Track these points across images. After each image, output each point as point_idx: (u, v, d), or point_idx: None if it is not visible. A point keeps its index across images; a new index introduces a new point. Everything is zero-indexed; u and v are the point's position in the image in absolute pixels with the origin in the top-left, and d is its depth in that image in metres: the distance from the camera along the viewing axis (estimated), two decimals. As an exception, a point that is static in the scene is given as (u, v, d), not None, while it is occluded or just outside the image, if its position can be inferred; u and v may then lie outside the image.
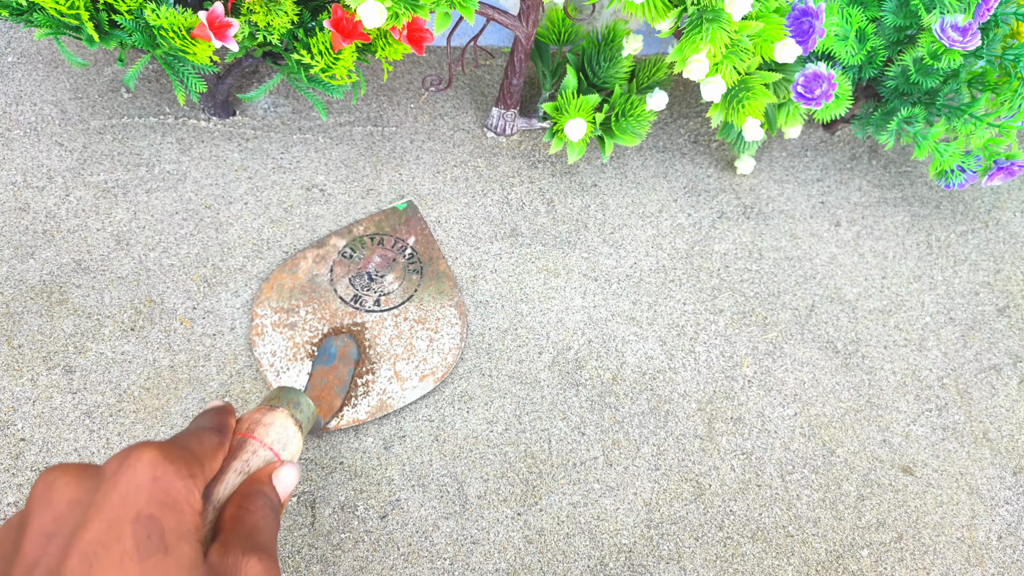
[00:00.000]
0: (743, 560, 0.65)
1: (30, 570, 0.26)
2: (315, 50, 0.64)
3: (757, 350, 0.75)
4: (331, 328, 0.70)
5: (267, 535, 0.32)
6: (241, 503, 0.33)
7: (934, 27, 0.65)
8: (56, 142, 0.78)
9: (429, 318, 0.71)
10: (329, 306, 0.71)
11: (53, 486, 0.28)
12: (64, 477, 0.28)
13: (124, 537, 0.26)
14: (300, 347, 0.69)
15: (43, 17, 0.61)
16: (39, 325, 0.69)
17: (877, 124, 0.78)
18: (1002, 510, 0.70)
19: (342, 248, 0.74)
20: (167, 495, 0.28)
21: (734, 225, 0.83)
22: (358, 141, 0.83)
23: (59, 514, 0.27)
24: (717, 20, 0.61)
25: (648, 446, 0.69)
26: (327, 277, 0.72)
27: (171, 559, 0.27)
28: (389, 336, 0.70)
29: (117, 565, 0.26)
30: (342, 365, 0.67)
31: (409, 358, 0.69)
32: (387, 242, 0.75)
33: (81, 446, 0.64)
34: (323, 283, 0.72)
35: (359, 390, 0.67)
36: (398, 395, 0.68)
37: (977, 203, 0.89)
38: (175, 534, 0.27)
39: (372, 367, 0.68)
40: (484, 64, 0.92)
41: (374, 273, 0.73)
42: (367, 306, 0.71)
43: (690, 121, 0.90)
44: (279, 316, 0.70)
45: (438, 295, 0.73)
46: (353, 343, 0.68)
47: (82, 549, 0.26)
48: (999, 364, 0.78)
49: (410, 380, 0.68)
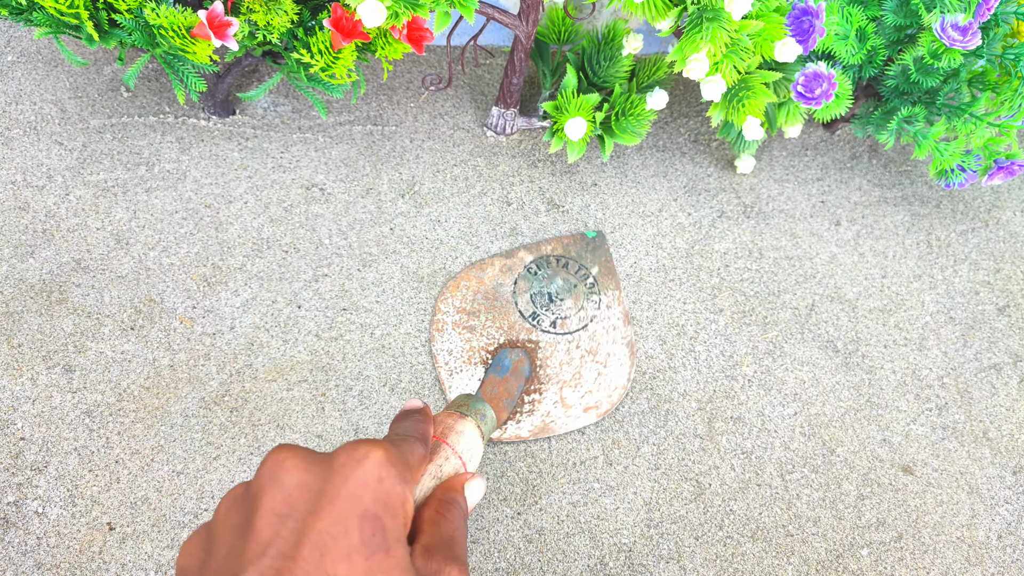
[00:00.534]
0: (743, 559, 0.65)
1: (264, 548, 0.26)
2: (315, 49, 0.64)
3: (757, 349, 0.75)
4: (507, 340, 0.71)
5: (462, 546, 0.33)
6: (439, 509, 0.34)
7: (934, 26, 0.65)
8: (56, 141, 0.78)
9: (600, 351, 0.71)
10: (508, 317, 0.72)
11: (283, 466, 0.28)
12: (293, 459, 0.29)
13: (352, 531, 0.27)
14: (476, 352, 0.70)
15: (43, 16, 0.61)
16: (39, 324, 0.69)
17: (877, 123, 0.78)
18: (1002, 510, 0.70)
19: (529, 263, 0.75)
20: (389, 497, 0.29)
21: (734, 224, 0.83)
22: (358, 140, 0.83)
23: (289, 496, 0.28)
24: (717, 19, 0.61)
25: (648, 445, 0.69)
26: (510, 288, 0.73)
27: (391, 559, 0.28)
28: (560, 360, 0.71)
29: (345, 557, 0.26)
30: (513, 379, 0.67)
31: (576, 386, 0.69)
32: (571, 266, 0.76)
33: (81, 445, 0.64)
34: (506, 293, 0.73)
35: (525, 407, 0.68)
36: (561, 421, 0.68)
37: (977, 202, 0.89)
38: (394, 535, 0.28)
39: (540, 387, 0.69)
40: (484, 63, 0.92)
41: (554, 294, 0.74)
42: (543, 326, 0.72)
43: (690, 120, 0.90)
44: (460, 316, 0.71)
45: (612, 331, 0.73)
46: (527, 359, 0.69)
47: (314, 538, 0.26)
48: (999, 363, 0.78)
49: (574, 409, 0.69)
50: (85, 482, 0.63)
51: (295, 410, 0.67)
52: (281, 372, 0.69)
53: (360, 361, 0.70)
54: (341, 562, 0.26)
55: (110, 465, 0.64)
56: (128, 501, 0.62)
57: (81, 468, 0.63)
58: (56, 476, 0.63)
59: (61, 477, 0.63)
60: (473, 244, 0.78)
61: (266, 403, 0.67)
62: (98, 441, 0.64)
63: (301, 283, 0.73)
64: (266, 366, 0.69)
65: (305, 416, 0.67)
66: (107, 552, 0.60)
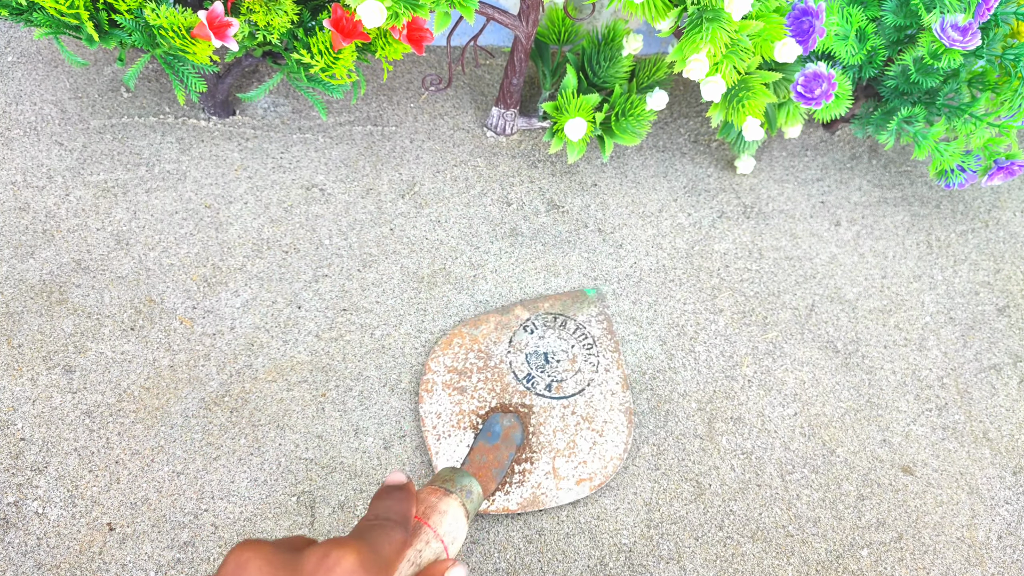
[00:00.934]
0: (743, 560, 0.65)
1: None
2: (315, 49, 0.64)
3: (757, 350, 0.75)
4: (499, 403, 0.68)
5: None
6: None
7: (934, 27, 0.65)
8: (56, 142, 0.78)
9: (596, 418, 0.68)
10: (501, 379, 0.69)
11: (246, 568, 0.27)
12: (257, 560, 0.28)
13: None
14: (466, 415, 0.67)
15: (43, 17, 0.61)
16: (39, 325, 0.69)
17: (877, 124, 0.78)
18: (1002, 510, 0.70)
19: (525, 321, 0.72)
20: None
21: (734, 225, 0.83)
22: (358, 141, 0.83)
23: None
24: (717, 20, 0.61)
25: (648, 446, 0.69)
26: (505, 348, 0.70)
27: None
28: (554, 427, 0.67)
29: None
30: (504, 447, 0.64)
31: (570, 456, 0.66)
32: (569, 326, 0.72)
33: (81, 446, 0.64)
34: (500, 352, 0.70)
35: (515, 477, 0.64)
36: (552, 493, 0.65)
37: (977, 203, 0.89)
38: None
39: (532, 456, 0.66)
40: (484, 64, 0.92)
41: (551, 355, 0.70)
42: (538, 389, 0.69)
43: (690, 121, 0.90)
44: (451, 376, 0.68)
45: (610, 396, 0.69)
46: (519, 425, 0.66)
47: None
48: (999, 364, 0.78)
49: (567, 480, 0.65)
50: (85, 482, 0.63)
51: (295, 410, 0.67)
52: (281, 372, 0.69)
53: (360, 361, 0.70)
54: None
55: (110, 465, 0.64)
56: (128, 501, 0.62)
57: (81, 468, 0.63)
58: (56, 476, 0.63)
59: (61, 477, 0.63)
60: (473, 244, 0.78)
61: (266, 403, 0.67)
62: (98, 442, 0.64)
63: (301, 283, 0.73)
64: (266, 366, 0.69)
65: (305, 416, 0.67)
66: (107, 552, 0.60)
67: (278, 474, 0.64)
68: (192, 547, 0.61)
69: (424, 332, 0.72)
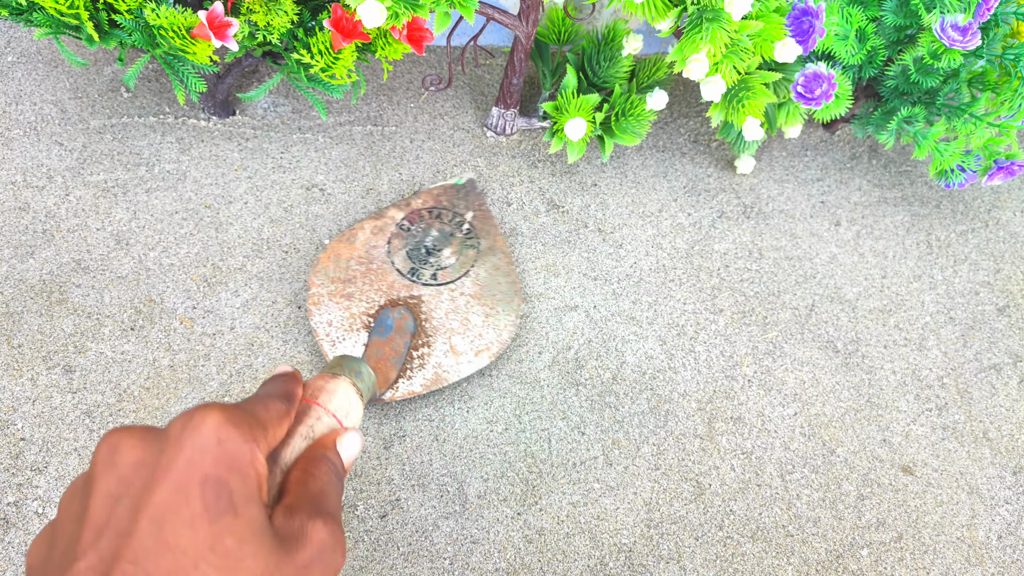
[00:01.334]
0: (743, 560, 0.65)
1: (100, 532, 0.26)
2: (315, 50, 0.64)
3: (757, 350, 0.75)
4: (388, 300, 0.70)
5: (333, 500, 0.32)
6: (306, 468, 0.32)
7: (934, 27, 0.65)
8: (56, 142, 0.78)
9: (485, 294, 0.71)
10: (386, 278, 0.71)
11: (117, 448, 0.28)
12: (128, 439, 0.28)
13: (193, 499, 0.26)
14: (356, 318, 0.69)
15: (43, 17, 0.61)
16: (39, 325, 0.69)
17: (877, 124, 0.78)
18: (1002, 510, 0.70)
19: (400, 220, 0.74)
20: (232, 458, 0.28)
21: (734, 225, 0.83)
22: (358, 141, 0.83)
23: (124, 476, 0.27)
24: (717, 20, 0.61)
25: (648, 446, 0.69)
26: (384, 249, 0.73)
27: (240, 520, 0.27)
28: (445, 310, 0.70)
29: (188, 526, 0.26)
30: (398, 337, 0.67)
31: (465, 333, 0.69)
32: (445, 216, 0.75)
33: (81, 446, 0.64)
34: (380, 255, 0.72)
35: (415, 363, 0.67)
36: (453, 369, 0.68)
37: (977, 203, 0.89)
38: (242, 496, 0.27)
39: (428, 340, 0.68)
40: (484, 64, 0.92)
41: (432, 247, 0.73)
42: (423, 279, 0.71)
43: (690, 121, 0.90)
44: (336, 286, 0.70)
45: (494, 271, 0.73)
46: (410, 315, 0.69)
47: (151, 512, 0.26)
48: (999, 364, 0.78)
49: (465, 355, 0.68)
50: (85, 482, 0.63)
51: (295, 410, 0.67)
52: (281, 372, 0.69)
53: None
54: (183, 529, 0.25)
55: (110, 465, 0.64)
56: (128, 501, 0.62)
57: (81, 468, 0.63)
58: (56, 476, 0.63)
59: (61, 477, 0.63)
60: (473, 244, 0.78)
61: (266, 403, 0.67)
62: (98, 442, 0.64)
63: (301, 283, 0.73)
64: (266, 366, 0.69)
65: (305, 416, 0.67)
66: (107, 552, 0.60)
67: (278, 474, 0.64)
68: (192, 547, 0.61)
69: (424, 332, 0.72)
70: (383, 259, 0.72)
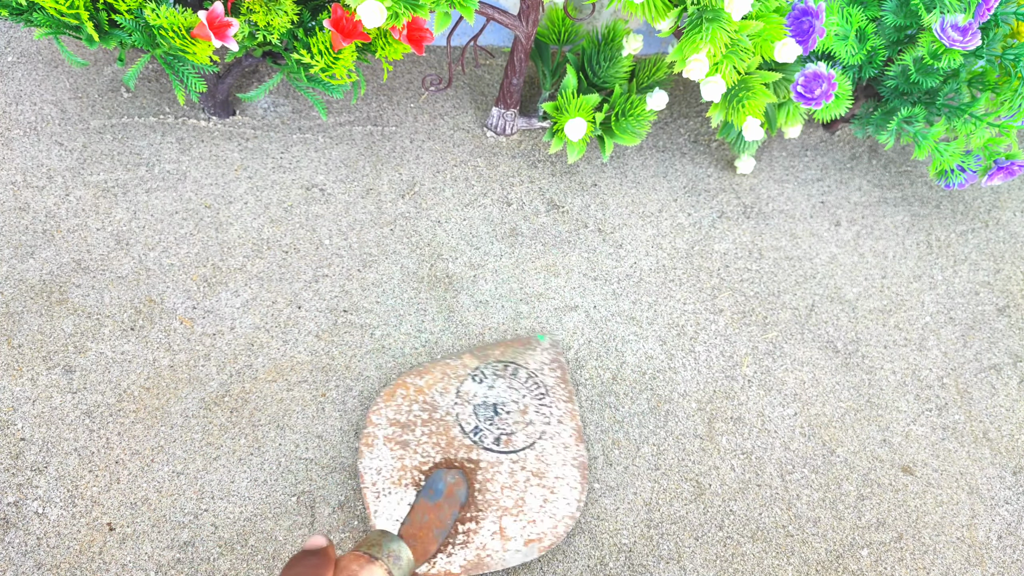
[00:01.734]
0: (743, 560, 0.65)
1: None
2: (315, 50, 0.64)
3: (757, 350, 0.75)
4: (444, 459, 0.63)
5: None
6: None
7: (934, 27, 0.65)
8: (56, 142, 0.78)
9: (548, 474, 0.64)
10: (447, 432, 0.65)
11: None
12: None
13: None
14: (408, 471, 0.63)
15: (43, 17, 0.61)
16: (39, 325, 0.69)
17: (877, 124, 0.78)
18: (1002, 510, 0.70)
19: (473, 370, 0.68)
20: None
21: (734, 225, 0.83)
22: (358, 141, 0.83)
23: None
24: (717, 20, 0.61)
25: (648, 446, 0.69)
26: (452, 399, 0.66)
27: None
28: (502, 484, 0.63)
29: None
30: (447, 505, 0.61)
31: (518, 515, 0.62)
32: (520, 375, 0.68)
33: (81, 446, 0.64)
34: (447, 404, 0.66)
35: (458, 538, 0.61)
36: (498, 556, 0.60)
37: (977, 203, 0.89)
38: None
39: (477, 515, 0.61)
40: (484, 64, 0.92)
41: (500, 406, 0.66)
42: (486, 443, 0.64)
43: (690, 121, 0.90)
44: (393, 430, 0.64)
45: (563, 449, 0.65)
46: (464, 482, 0.62)
47: None
48: (999, 364, 0.78)
49: (514, 541, 0.61)
50: (85, 483, 0.63)
51: (295, 410, 0.67)
52: (281, 372, 0.69)
53: (360, 361, 0.70)
54: None
55: (110, 466, 0.64)
56: (128, 501, 0.62)
57: (81, 469, 0.63)
58: (56, 476, 0.63)
59: (61, 478, 0.63)
60: (473, 244, 0.78)
61: (266, 403, 0.67)
62: (98, 442, 0.64)
63: (301, 283, 0.73)
64: (266, 366, 0.69)
65: (305, 416, 0.67)
66: (107, 552, 0.60)
67: (278, 474, 0.64)
68: (192, 547, 0.61)
69: (424, 332, 0.72)
70: (448, 409, 0.66)
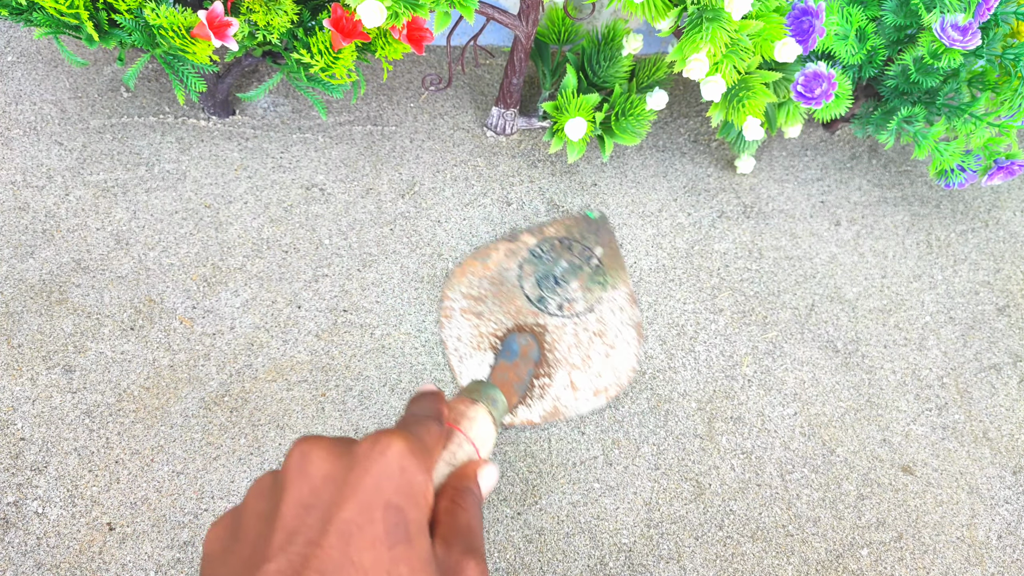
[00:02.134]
0: (743, 559, 0.65)
1: (291, 537, 0.27)
2: (315, 49, 0.64)
3: (757, 349, 0.75)
4: (515, 324, 0.71)
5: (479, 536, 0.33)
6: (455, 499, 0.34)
7: (934, 26, 0.65)
8: (56, 141, 0.78)
9: (608, 332, 0.72)
10: (515, 302, 0.72)
11: (308, 457, 0.29)
12: (318, 450, 0.30)
13: (376, 521, 0.28)
14: (484, 337, 0.71)
15: (43, 16, 0.61)
16: (39, 324, 0.69)
17: (877, 123, 0.78)
18: (1002, 509, 0.70)
19: (533, 246, 0.76)
20: (411, 487, 0.30)
21: (734, 224, 0.83)
22: (358, 140, 0.83)
23: (315, 487, 0.29)
24: (717, 19, 0.61)
25: (648, 445, 0.69)
26: (516, 273, 0.74)
27: (413, 549, 0.28)
28: (568, 344, 0.71)
29: (369, 547, 0.27)
30: (523, 364, 0.69)
31: (585, 369, 0.70)
32: (575, 248, 0.76)
33: (81, 445, 0.64)
34: (511, 278, 0.74)
35: (536, 391, 0.69)
36: (572, 404, 0.69)
37: (977, 202, 0.89)
38: (416, 526, 0.29)
39: (549, 371, 0.70)
40: (484, 63, 0.92)
41: (560, 277, 0.74)
42: (550, 309, 0.72)
43: (690, 120, 0.90)
44: (468, 303, 0.72)
45: (619, 311, 0.73)
46: (535, 344, 0.70)
47: (339, 527, 0.27)
48: (999, 363, 0.78)
49: (583, 391, 0.69)
50: (85, 482, 0.63)
51: (295, 410, 0.67)
52: (281, 372, 0.69)
53: (360, 361, 0.70)
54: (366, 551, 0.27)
55: (110, 465, 0.64)
56: (128, 501, 0.62)
57: (81, 468, 0.63)
58: (56, 476, 0.63)
59: (61, 477, 0.63)
60: (473, 244, 0.78)
61: (266, 403, 0.67)
62: (98, 441, 0.64)
63: (301, 283, 0.73)
64: (266, 366, 0.69)
65: (305, 416, 0.67)
66: (107, 552, 0.60)
67: (278, 474, 0.64)
68: (192, 547, 0.61)
69: (424, 332, 0.72)
70: (513, 282, 0.73)
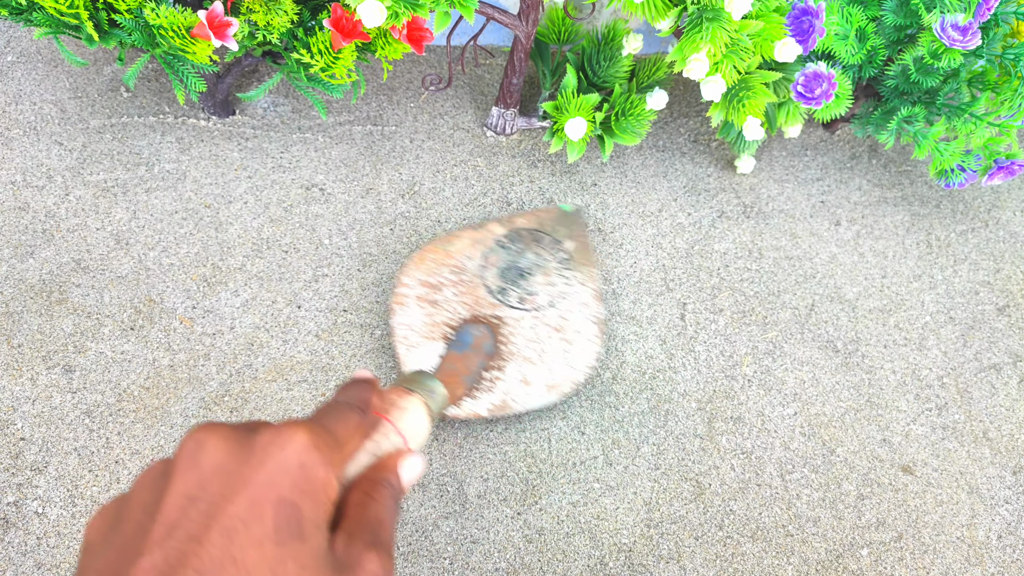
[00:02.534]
0: (743, 559, 0.65)
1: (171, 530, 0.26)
2: (315, 49, 0.64)
3: (757, 349, 0.75)
4: (471, 315, 0.69)
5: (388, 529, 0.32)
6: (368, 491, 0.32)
7: (934, 26, 0.65)
8: (56, 141, 0.78)
9: (568, 328, 0.70)
10: (474, 292, 0.70)
11: (202, 446, 0.28)
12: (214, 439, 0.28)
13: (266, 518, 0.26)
14: (438, 327, 0.68)
15: (43, 16, 0.61)
16: (39, 324, 0.69)
17: (877, 123, 0.78)
18: (1002, 509, 0.70)
19: (500, 236, 0.74)
20: (310, 483, 0.28)
21: (734, 224, 0.83)
22: (358, 140, 0.83)
23: (204, 479, 0.27)
24: (717, 19, 0.61)
25: (648, 445, 0.69)
26: (479, 263, 0.72)
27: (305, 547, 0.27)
28: (525, 337, 0.69)
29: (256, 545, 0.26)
30: (474, 355, 0.67)
31: (540, 364, 0.68)
32: (544, 241, 0.74)
33: (81, 445, 0.64)
34: (474, 267, 0.71)
35: (485, 384, 0.67)
36: (521, 399, 0.67)
37: (977, 202, 0.89)
38: (311, 522, 0.28)
39: (502, 364, 0.68)
40: (484, 63, 0.92)
41: (525, 270, 0.72)
42: (510, 301, 0.70)
43: (690, 120, 0.90)
44: (424, 290, 0.70)
45: (582, 307, 0.71)
46: (490, 335, 0.68)
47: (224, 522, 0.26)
48: (999, 363, 0.78)
49: (535, 387, 0.67)
50: (85, 482, 0.63)
51: (295, 410, 0.67)
52: (281, 372, 0.69)
53: (360, 361, 0.70)
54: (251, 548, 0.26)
55: (110, 465, 0.64)
56: (128, 501, 0.62)
57: (81, 468, 0.63)
58: (56, 476, 0.63)
59: (61, 477, 0.63)
60: (473, 244, 0.78)
61: (266, 403, 0.67)
62: (98, 441, 0.64)
63: (301, 283, 0.73)
64: (266, 366, 0.69)
65: (305, 416, 0.67)
66: (107, 552, 0.60)
67: (278, 474, 0.64)
68: (192, 547, 0.61)
69: (424, 332, 0.72)
70: (475, 272, 0.71)
